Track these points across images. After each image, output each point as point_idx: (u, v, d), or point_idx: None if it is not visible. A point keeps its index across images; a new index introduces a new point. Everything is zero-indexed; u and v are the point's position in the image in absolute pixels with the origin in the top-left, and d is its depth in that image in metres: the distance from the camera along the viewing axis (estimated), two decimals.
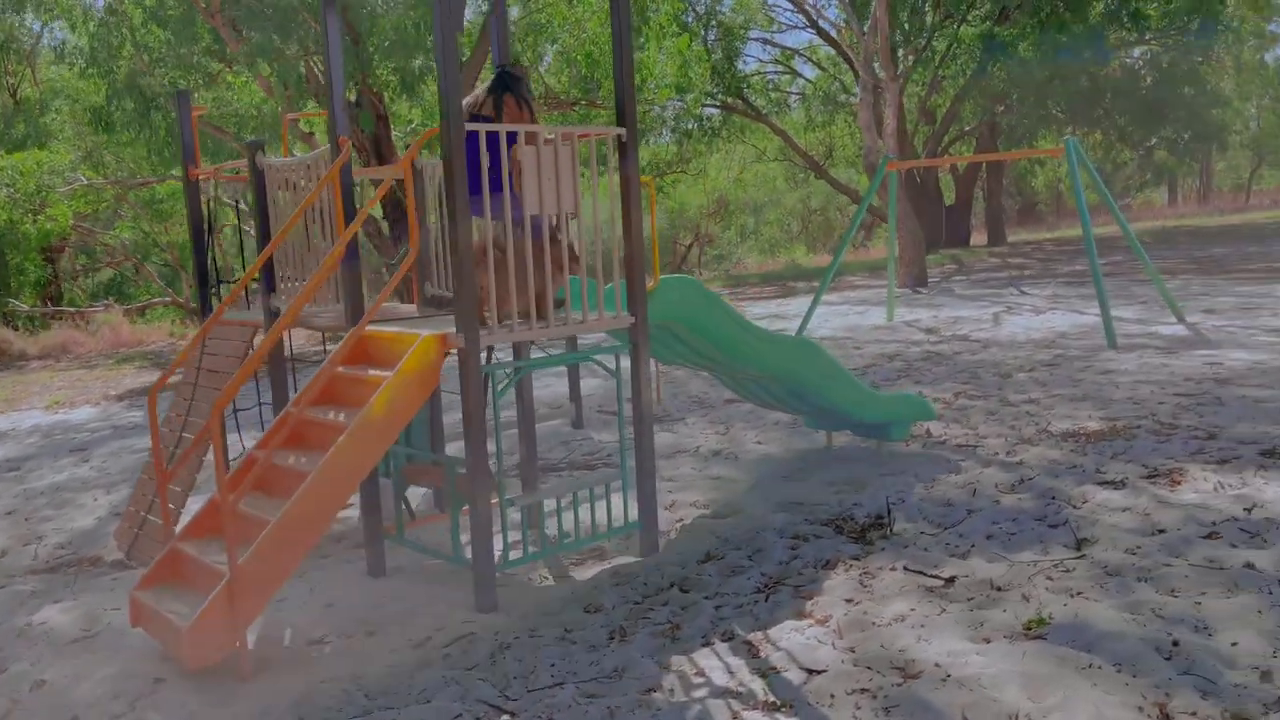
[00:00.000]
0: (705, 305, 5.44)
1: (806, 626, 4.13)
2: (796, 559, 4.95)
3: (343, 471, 4.29)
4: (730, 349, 5.72)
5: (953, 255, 27.83)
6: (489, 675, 3.94)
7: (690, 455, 7.33)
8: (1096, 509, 5.32)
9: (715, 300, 5.49)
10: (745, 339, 5.73)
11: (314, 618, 4.73)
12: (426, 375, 4.54)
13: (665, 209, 41.74)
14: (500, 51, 5.89)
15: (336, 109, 5.07)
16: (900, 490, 5.94)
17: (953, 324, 13.49)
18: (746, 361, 5.86)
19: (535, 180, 4.69)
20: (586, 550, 5.42)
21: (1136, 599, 4.09)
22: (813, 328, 14.13)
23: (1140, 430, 6.90)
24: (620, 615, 4.43)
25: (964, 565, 4.65)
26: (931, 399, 8.54)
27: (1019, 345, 11.16)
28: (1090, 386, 8.52)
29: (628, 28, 5.05)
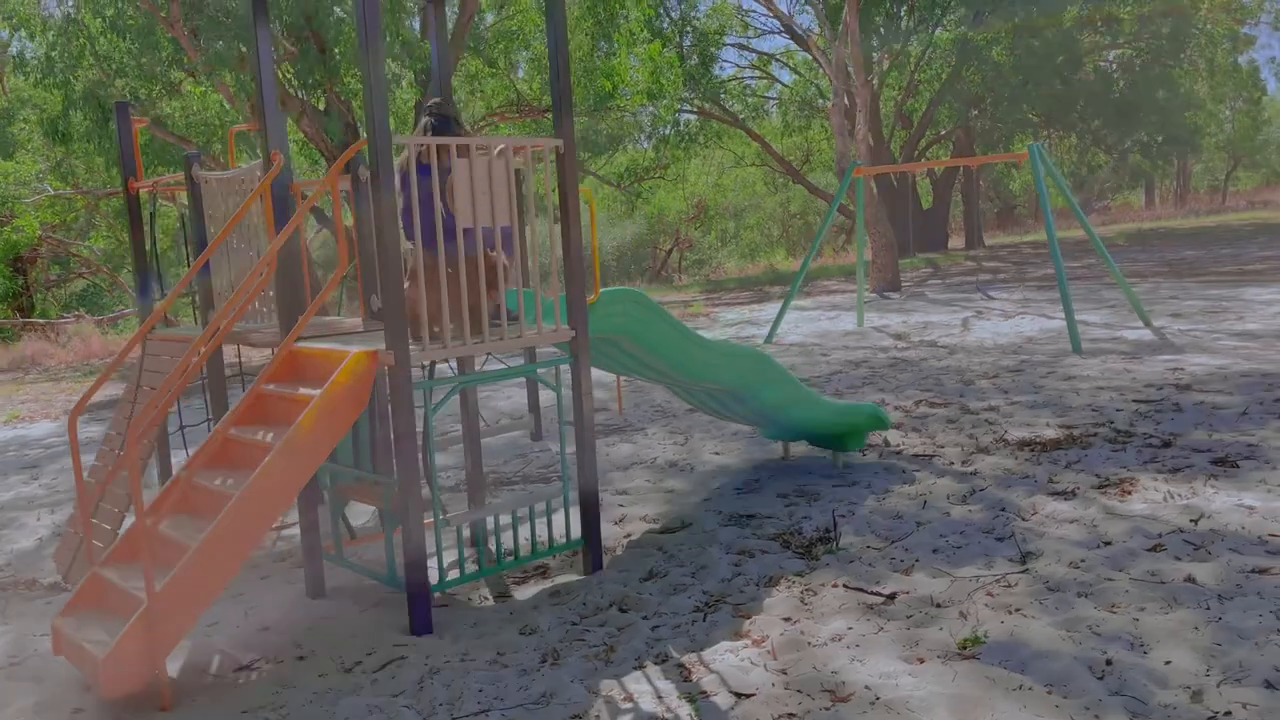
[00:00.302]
0: (647, 318, 5.36)
1: (742, 647, 4.05)
2: (740, 575, 4.87)
3: (268, 492, 4.19)
4: (676, 362, 5.64)
5: (928, 259, 27.86)
6: (415, 702, 3.84)
7: (646, 467, 7.25)
8: (1045, 521, 5.27)
9: (658, 313, 5.41)
10: (691, 351, 5.65)
11: (246, 641, 4.62)
12: (357, 392, 4.45)
13: (644, 214, 41.74)
14: (440, 62, 5.80)
15: (269, 121, 4.98)
16: (851, 502, 5.88)
17: (922, 329, 13.47)
18: (694, 374, 5.79)
19: (468, 194, 4.61)
20: (531, 567, 5.33)
21: (1075, 615, 4.03)
22: (783, 333, 14.09)
23: (1096, 438, 6.86)
24: (555, 636, 4.34)
25: (906, 581, 4.59)
26: (892, 407, 8.50)
27: (985, 351, 11.14)
28: (1051, 393, 8.49)
29: (563, 38, 4.97)
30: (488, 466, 7.69)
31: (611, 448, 7.94)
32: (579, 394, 5.10)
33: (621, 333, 5.33)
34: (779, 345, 13.01)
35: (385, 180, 4.31)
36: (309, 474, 4.36)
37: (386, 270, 4.35)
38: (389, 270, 4.35)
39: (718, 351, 5.81)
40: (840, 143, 19.09)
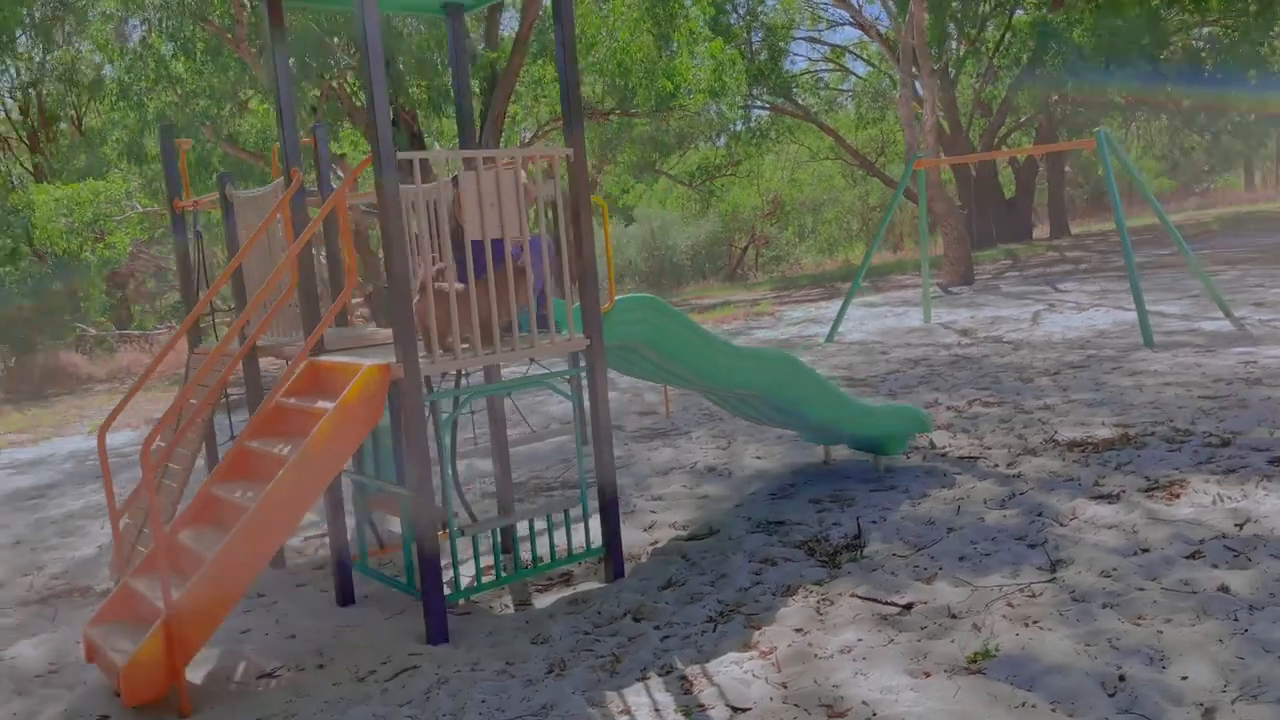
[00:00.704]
0: (665, 324, 5.32)
1: (748, 659, 3.99)
2: (759, 584, 4.81)
3: (282, 505, 4.27)
4: (699, 368, 5.59)
5: (1009, 250, 27.13)
6: (419, 712, 3.88)
7: (685, 472, 7.20)
8: (1083, 526, 5.08)
9: (677, 319, 5.36)
10: (713, 357, 5.59)
11: (273, 649, 4.73)
12: (370, 405, 4.50)
13: (717, 212, 41.55)
14: (459, 72, 5.84)
15: (287, 139, 5.09)
16: (885, 508, 5.75)
17: (990, 324, 13.12)
18: (719, 379, 5.72)
19: (476, 206, 4.64)
20: (556, 575, 5.34)
21: (1096, 628, 3.87)
22: (845, 331, 13.88)
23: (1153, 438, 6.58)
24: (565, 646, 4.34)
25: (926, 590, 4.47)
26: (944, 408, 8.30)
27: (1052, 346, 10.80)
28: (1113, 390, 8.18)
29: (571, 43, 4.97)
30: (532, 471, 7.75)
31: (654, 452, 7.92)
32: (595, 403, 5.09)
33: (640, 340, 5.30)
34: (840, 344, 12.81)
35: (390, 194, 4.36)
36: (323, 486, 4.44)
37: (394, 284, 4.41)
38: (397, 284, 4.40)
39: (742, 356, 5.74)
40: (909, 134, 18.72)
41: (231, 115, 14.49)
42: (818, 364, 11.31)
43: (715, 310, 20.14)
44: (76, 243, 19.27)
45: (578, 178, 5.00)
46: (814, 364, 11.35)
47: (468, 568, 5.56)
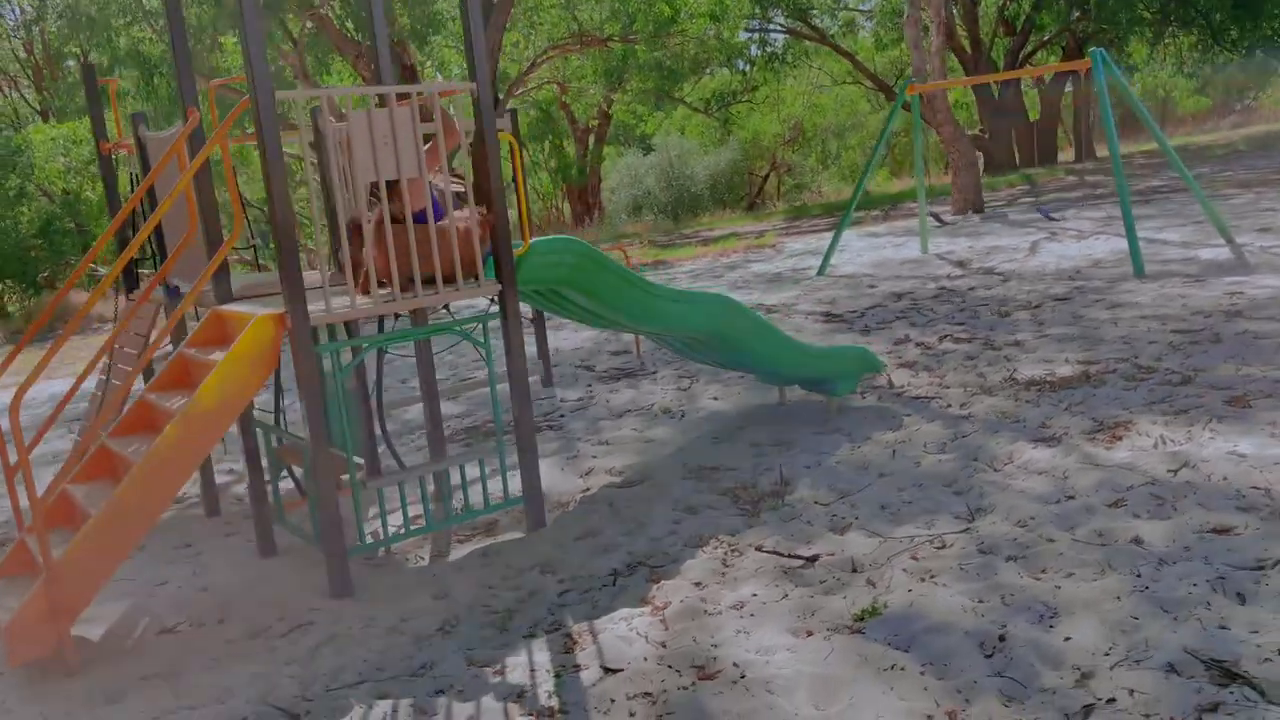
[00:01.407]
0: (588, 267, 5.11)
1: (638, 615, 3.88)
2: (673, 535, 4.68)
3: (167, 461, 4.17)
4: (627, 310, 5.40)
5: (1028, 175, 26.42)
6: (300, 671, 3.81)
7: (638, 414, 7.06)
8: (1014, 472, 4.89)
9: (601, 261, 5.16)
10: (645, 301, 5.39)
11: (181, 601, 4.69)
12: (263, 356, 4.37)
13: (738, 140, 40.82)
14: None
15: (182, 80, 4.90)
16: (822, 452, 5.59)
17: (986, 255, 12.76)
18: (650, 322, 5.54)
19: (368, 146, 4.43)
20: (482, 523, 5.24)
21: (994, 582, 3.71)
22: (839, 263, 13.58)
23: (1114, 375, 6.34)
24: (464, 601, 4.25)
25: (836, 541, 4.32)
26: (914, 344, 8.07)
27: (1041, 277, 10.47)
28: (1089, 324, 7.90)
29: None
30: (485, 414, 7.64)
31: (615, 394, 7.77)
32: (512, 351, 4.93)
33: (559, 283, 5.11)
34: (831, 277, 12.53)
35: (269, 135, 4.17)
36: (212, 441, 4.34)
37: (280, 232, 4.24)
38: (282, 232, 4.24)
39: (673, 298, 5.54)
40: (915, 56, 18.09)
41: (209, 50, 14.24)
42: (802, 299, 11.07)
43: (719, 242, 19.82)
44: (76, 182, 19.24)
45: (484, 115, 4.77)
46: (798, 298, 11.12)
47: (397, 516, 5.48)
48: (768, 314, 10.34)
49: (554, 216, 41.22)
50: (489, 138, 4.79)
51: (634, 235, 28.58)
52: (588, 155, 37.83)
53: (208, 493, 6.04)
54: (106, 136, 6.44)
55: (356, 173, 4.43)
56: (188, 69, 4.92)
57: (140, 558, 5.41)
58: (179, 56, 4.89)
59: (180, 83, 4.92)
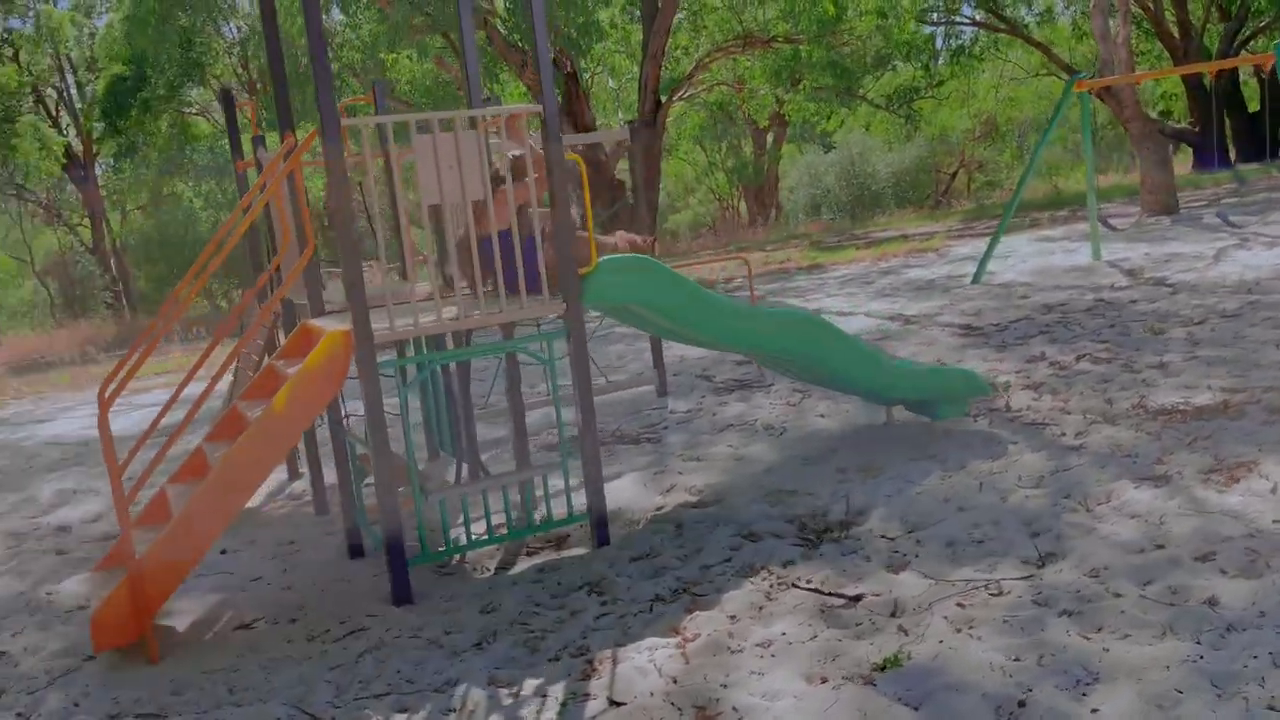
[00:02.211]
0: (658, 285, 5.07)
1: (663, 646, 3.82)
2: (727, 562, 4.58)
3: (240, 468, 4.43)
4: (705, 328, 5.31)
5: (1241, 173, 24.28)
6: (340, 677, 3.96)
7: (740, 430, 6.95)
8: (1107, 514, 4.51)
9: (671, 280, 5.10)
10: (718, 318, 5.30)
11: (266, 599, 4.96)
12: (333, 370, 4.57)
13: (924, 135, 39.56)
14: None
15: (279, 104, 5.17)
16: (909, 480, 5.33)
17: (1163, 263, 11.82)
18: (730, 341, 5.44)
19: (434, 170, 4.55)
20: (556, 536, 5.29)
21: (1037, 639, 3.43)
22: (1000, 270, 12.93)
23: (1256, 406, 5.75)
24: (507, 618, 4.31)
25: (887, 581, 4.11)
26: (1048, 363, 7.58)
27: (1215, 290, 9.60)
28: (1248, 346, 7.19)
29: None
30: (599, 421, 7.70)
31: (724, 407, 7.68)
32: (579, 368, 4.95)
33: (630, 301, 5.10)
34: (985, 286, 11.94)
35: (333, 156, 4.34)
36: (284, 450, 4.57)
37: (345, 249, 4.42)
38: (347, 249, 4.41)
39: (753, 316, 5.41)
40: (1103, 49, 16.95)
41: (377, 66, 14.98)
42: (946, 309, 10.59)
43: (883, 245, 19.24)
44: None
45: (550, 135, 4.81)
46: (942, 309, 10.65)
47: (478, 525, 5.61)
48: (904, 325, 9.96)
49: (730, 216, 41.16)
50: (555, 157, 4.82)
51: (804, 236, 28.17)
52: (764, 155, 37.56)
53: (318, 492, 6.37)
54: (242, 156, 6.90)
55: (422, 196, 4.57)
56: (285, 93, 5.20)
57: (247, 552, 5.77)
58: (277, 80, 5.17)
59: (278, 106, 5.20)
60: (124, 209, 33.20)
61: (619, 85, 26.01)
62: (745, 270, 18.14)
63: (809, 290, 14.01)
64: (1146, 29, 31.46)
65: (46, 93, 32.13)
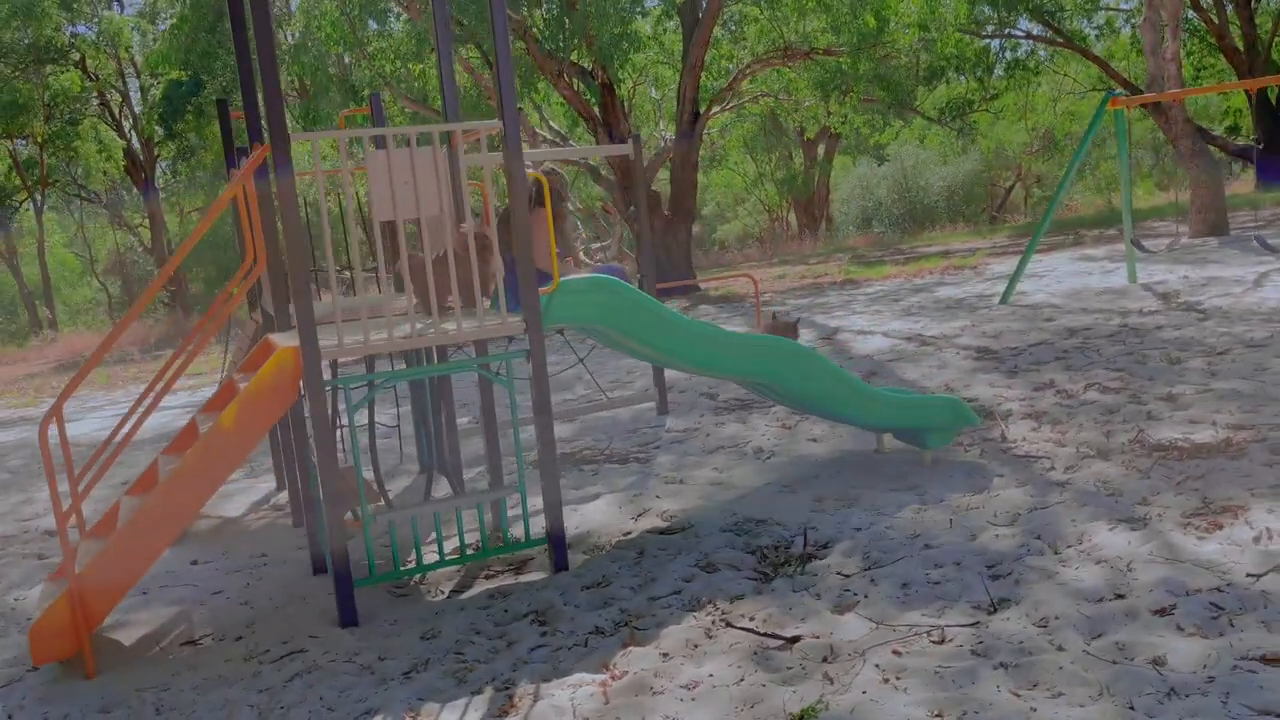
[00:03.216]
0: (618, 308, 4.95)
1: (587, 684, 3.69)
2: (677, 594, 4.44)
3: (185, 484, 4.40)
4: (676, 352, 5.18)
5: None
6: (264, 702, 3.90)
7: (731, 452, 6.79)
8: (1074, 558, 4.29)
9: (633, 302, 4.97)
10: (691, 341, 5.16)
11: (219, 614, 4.93)
12: (281, 387, 4.53)
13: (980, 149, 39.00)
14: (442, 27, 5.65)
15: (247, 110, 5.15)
16: (882, 513, 5.14)
17: (1200, 287, 11.40)
18: (703, 365, 5.30)
19: (387, 186, 4.49)
20: (519, 559, 5.19)
21: (962, 695, 3.25)
22: (1032, 290, 12.60)
23: (1260, 445, 5.45)
24: (444, 645, 4.21)
25: (829, 623, 3.94)
26: (1057, 390, 7.32)
27: (1247, 318, 9.21)
28: (1268, 379, 6.86)
29: (502, 9, 4.66)
30: (591, 440, 7.62)
31: (719, 427, 7.53)
32: (538, 389, 4.85)
33: (594, 322, 4.99)
34: (1013, 306, 11.62)
35: (282, 170, 4.30)
36: (232, 465, 4.53)
37: (293, 264, 4.37)
38: (294, 271, 4.36)
39: (727, 341, 5.26)
40: (1152, 64, 16.47)
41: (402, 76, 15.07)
42: (967, 330, 10.31)
43: (925, 260, 18.90)
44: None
45: (512, 152, 4.72)
46: (963, 330, 10.37)
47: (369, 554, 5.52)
48: (920, 347, 9.71)
49: (780, 229, 40.84)
50: (517, 175, 4.73)
51: (849, 249, 27.84)
52: (815, 167, 37.19)
53: (296, 504, 6.35)
54: (236, 165, 6.92)
55: (373, 212, 4.51)
56: (254, 104, 5.18)
57: (218, 563, 5.76)
58: (245, 90, 5.15)
59: (247, 117, 5.18)
60: (181, 211, 33.91)
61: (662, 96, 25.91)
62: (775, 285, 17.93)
63: (836, 307, 13.78)
64: (1210, 43, 30.62)
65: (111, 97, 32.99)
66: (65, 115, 30.48)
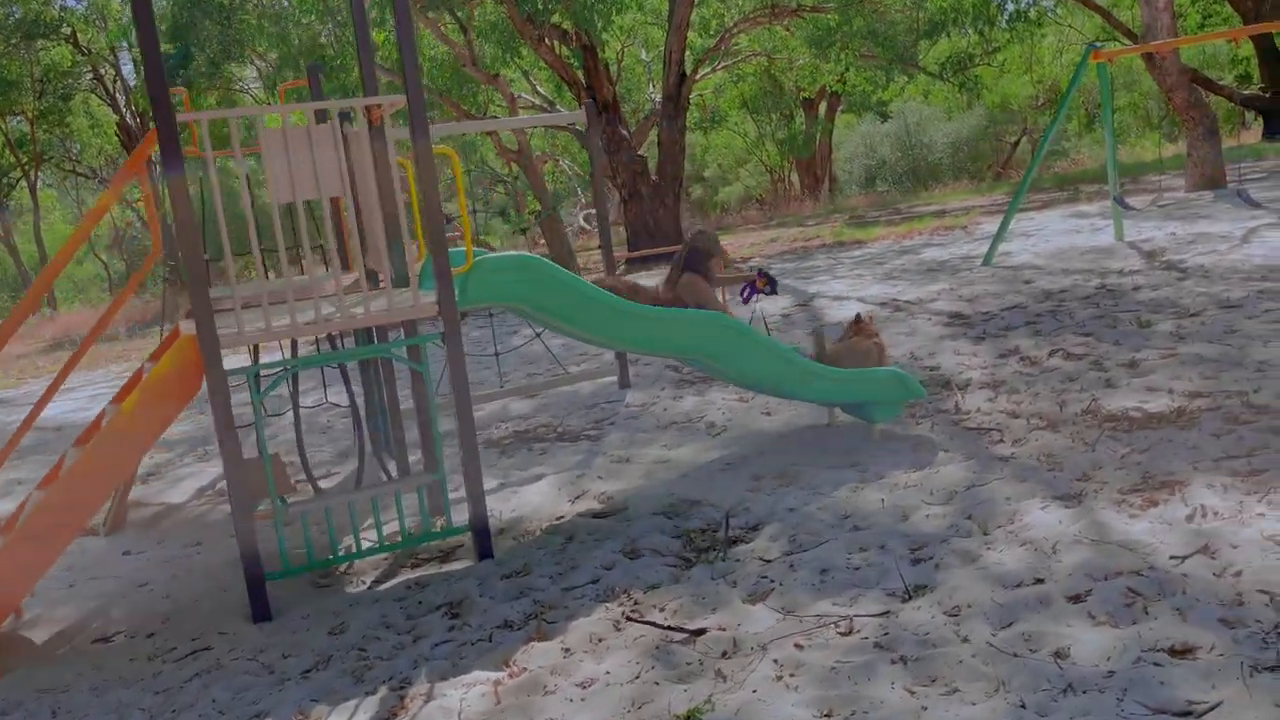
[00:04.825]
0: (536, 286, 4.79)
1: (481, 683, 3.56)
2: (594, 583, 4.31)
3: (86, 477, 4.28)
4: (602, 330, 5.02)
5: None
6: (157, 704, 3.79)
7: (684, 429, 6.64)
8: (1001, 539, 4.13)
9: (551, 279, 4.80)
10: (615, 319, 4.99)
11: (139, 609, 4.83)
12: (184, 375, 4.39)
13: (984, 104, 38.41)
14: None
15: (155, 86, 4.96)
16: (818, 492, 4.99)
17: (1186, 244, 11.13)
18: (631, 343, 5.13)
19: (285, 165, 4.32)
20: (450, 547, 5.07)
21: (854, 693, 3.10)
22: (1018, 250, 12.37)
23: (1213, 415, 5.26)
24: (350, 641, 4.10)
25: (739, 613, 3.79)
26: (1020, 357, 7.13)
27: (1227, 277, 8.96)
28: (1236, 342, 6.64)
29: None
30: (549, 416, 7.48)
31: (677, 402, 7.37)
32: (455, 372, 4.70)
33: (512, 302, 4.82)
34: (996, 268, 11.39)
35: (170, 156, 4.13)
36: (134, 458, 4.43)
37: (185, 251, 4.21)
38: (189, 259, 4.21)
39: (657, 320, 5.09)
40: (1145, 12, 16.03)
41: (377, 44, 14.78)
42: (944, 294, 10.10)
43: (918, 220, 18.59)
44: None
45: (417, 128, 4.53)
46: (940, 294, 10.16)
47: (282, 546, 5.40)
48: (894, 313, 9.51)
49: (782, 189, 40.36)
50: (422, 151, 4.54)
51: (849, 210, 27.51)
52: (816, 126, 36.66)
53: None
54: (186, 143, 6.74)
55: (271, 194, 4.34)
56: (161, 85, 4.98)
57: (151, 553, 5.67)
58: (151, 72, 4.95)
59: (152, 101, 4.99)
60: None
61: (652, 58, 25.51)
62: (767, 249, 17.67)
63: (819, 271, 13.55)
64: None
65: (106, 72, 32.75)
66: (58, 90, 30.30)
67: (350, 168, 5.66)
